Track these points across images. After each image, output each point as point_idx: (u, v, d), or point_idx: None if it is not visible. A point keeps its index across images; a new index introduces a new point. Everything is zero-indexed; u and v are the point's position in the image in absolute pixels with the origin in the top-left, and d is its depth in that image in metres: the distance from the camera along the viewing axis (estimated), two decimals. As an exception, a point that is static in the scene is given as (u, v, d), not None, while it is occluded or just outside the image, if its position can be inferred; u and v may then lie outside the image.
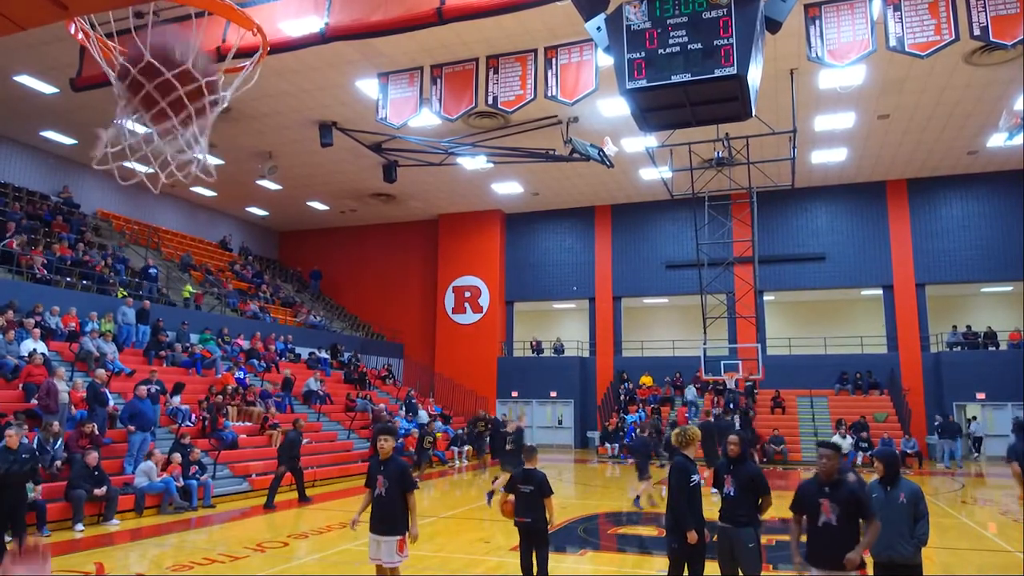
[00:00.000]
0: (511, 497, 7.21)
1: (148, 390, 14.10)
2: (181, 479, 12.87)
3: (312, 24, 11.60)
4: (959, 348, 24.53)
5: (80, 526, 10.74)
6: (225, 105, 3.09)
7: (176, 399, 15.57)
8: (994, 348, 24.16)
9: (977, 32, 10.86)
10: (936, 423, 22.64)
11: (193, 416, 15.65)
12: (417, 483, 6.52)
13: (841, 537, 4.96)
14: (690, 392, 25.24)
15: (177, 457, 13.00)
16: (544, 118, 19.07)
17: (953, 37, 10.93)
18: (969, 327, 24.96)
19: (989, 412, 23.06)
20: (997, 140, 20.51)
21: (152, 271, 21.30)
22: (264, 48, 3.31)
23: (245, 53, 4.32)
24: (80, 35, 3.07)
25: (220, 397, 16.59)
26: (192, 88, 2.84)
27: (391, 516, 6.17)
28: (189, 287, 22.68)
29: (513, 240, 29.99)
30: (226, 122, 19.55)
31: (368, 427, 20.75)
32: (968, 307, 27.21)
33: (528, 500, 7.05)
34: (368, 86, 17.28)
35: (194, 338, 19.60)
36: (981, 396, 23.21)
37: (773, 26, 6.38)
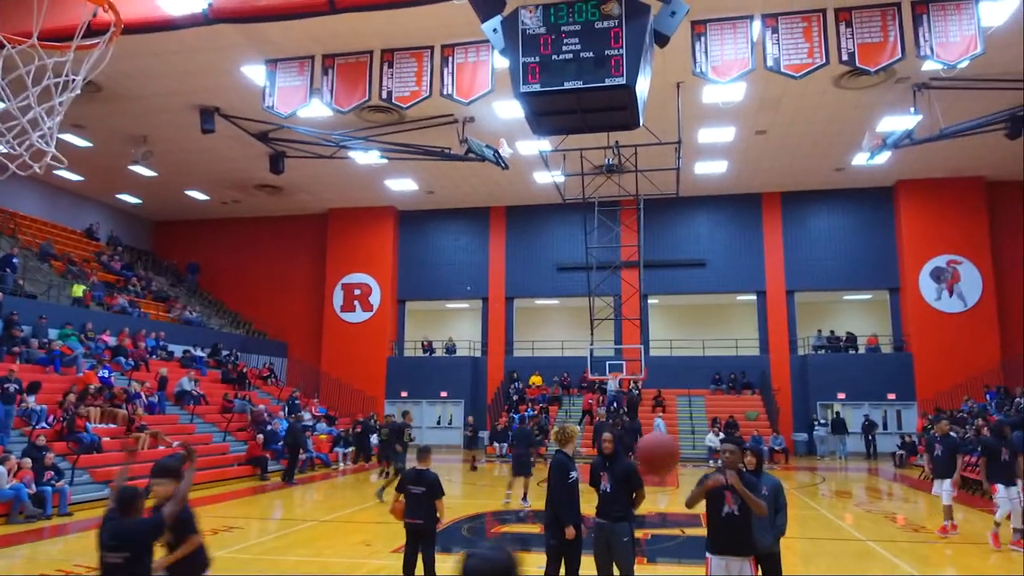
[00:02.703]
0: (402, 498, 7.08)
1: (5, 389, 12.92)
2: (33, 485, 11.85)
3: (194, 3, 10.97)
4: (823, 351, 26.39)
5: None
6: (78, 91, 2.81)
7: (31, 399, 14.33)
8: (854, 351, 26.18)
9: (845, 57, 11.70)
10: (823, 420, 24.64)
11: (51, 417, 14.45)
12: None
13: (742, 524, 5.17)
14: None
15: (27, 462, 11.95)
16: (440, 116, 18.92)
17: (824, 61, 11.73)
18: (832, 332, 26.92)
19: (848, 411, 24.92)
20: (861, 159, 22.16)
21: (15, 260, 19.59)
22: (117, 26, 3.04)
23: (102, 30, 3.97)
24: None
25: (72, 396, 15.26)
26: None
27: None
28: (80, 287, 21.05)
29: (407, 238, 29.60)
30: (96, 101, 18.18)
31: (245, 429, 19.87)
32: (832, 313, 29.30)
33: (419, 501, 6.95)
34: (255, 72, 16.52)
35: (53, 333, 18.11)
36: (842, 396, 25.07)
37: (661, 39, 6.57)
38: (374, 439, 21.19)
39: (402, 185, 26.03)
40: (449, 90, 13.01)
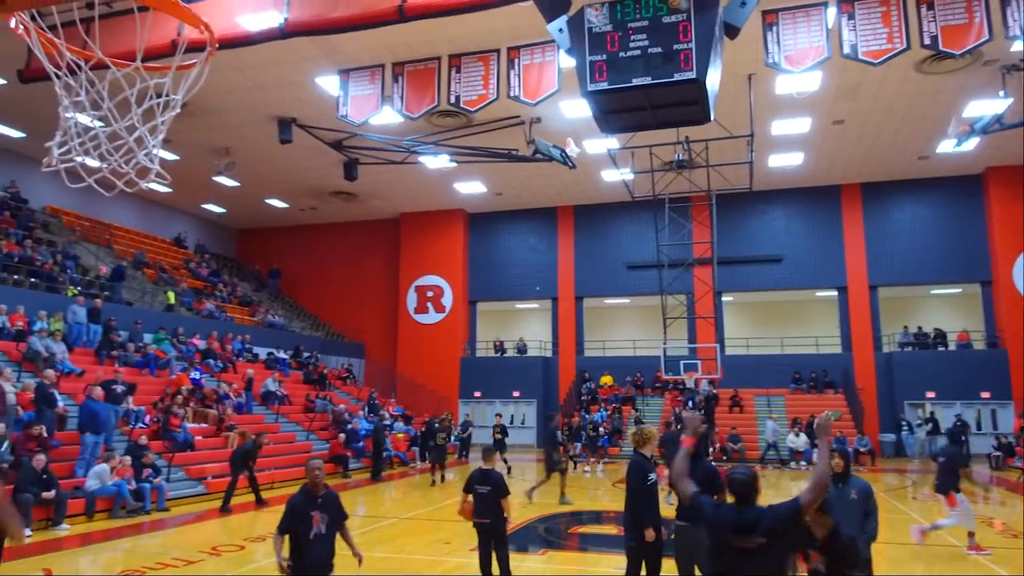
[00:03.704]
0: (470, 498, 7.22)
1: (113, 390, 13.84)
2: (133, 482, 12.57)
3: (271, 19, 11.41)
4: (910, 348, 25.23)
5: (28, 531, 10.40)
6: (178, 110, 3.00)
7: (130, 400, 15.22)
8: (943, 348, 24.92)
9: (927, 41, 11.17)
10: (917, 420, 23.64)
11: (148, 418, 15.31)
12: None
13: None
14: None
15: (127, 460, 12.69)
16: (507, 118, 19.08)
17: (904, 46, 11.23)
18: (920, 328, 25.69)
19: (939, 410, 23.75)
20: (947, 146, 21.11)
21: (120, 270, 20.98)
22: (212, 45, 3.23)
23: (199, 48, 4.21)
24: (21, 29, 2.96)
25: (180, 397, 16.25)
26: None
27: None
28: (172, 293, 22.30)
29: (476, 240, 29.93)
30: (181, 117, 18.87)
31: (327, 428, 20.52)
32: (919, 308, 27.99)
33: (485, 501, 7.07)
34: (328, 83, 17.06)
35: (147, 338, 19.15)
36: (931, 395, 23.92)
37: (732, 31, 6.45)
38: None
39: (471, 188, 26.35)
40: (516, 92, 13.09)
